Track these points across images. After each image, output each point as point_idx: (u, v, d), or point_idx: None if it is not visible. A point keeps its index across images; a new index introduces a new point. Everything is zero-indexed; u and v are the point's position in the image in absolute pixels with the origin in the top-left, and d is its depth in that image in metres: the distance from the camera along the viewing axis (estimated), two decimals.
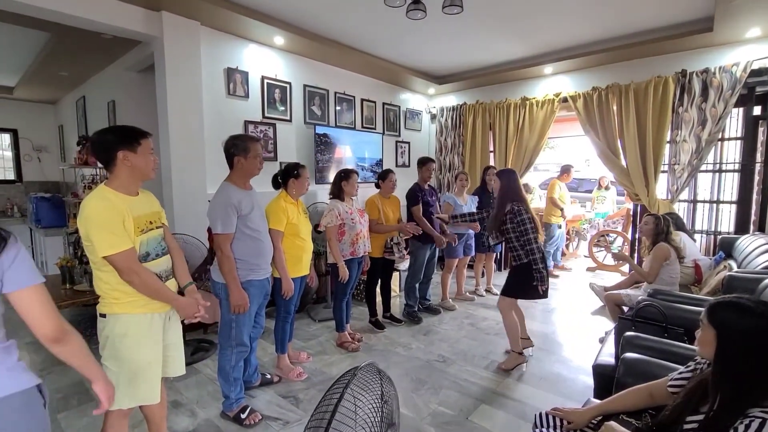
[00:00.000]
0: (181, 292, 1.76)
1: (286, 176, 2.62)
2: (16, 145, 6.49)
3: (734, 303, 1.13)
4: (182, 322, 1.77)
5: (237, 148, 2.16)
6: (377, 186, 3.62)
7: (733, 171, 4.26)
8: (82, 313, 3.84)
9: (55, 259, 3.82)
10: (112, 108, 4.57)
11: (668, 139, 4.27)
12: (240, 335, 2.24)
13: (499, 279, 5.19)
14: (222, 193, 2.15)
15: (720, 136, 4.12)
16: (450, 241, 3.84)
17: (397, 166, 5.90)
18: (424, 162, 3.83)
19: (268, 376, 2.67)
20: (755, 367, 1.06)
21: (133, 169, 1.57)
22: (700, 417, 1.13)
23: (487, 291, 4.75)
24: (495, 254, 4.92)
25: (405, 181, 4.73)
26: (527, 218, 2.70)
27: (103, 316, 1.55)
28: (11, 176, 6.53)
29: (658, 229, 3.12)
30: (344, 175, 3.13)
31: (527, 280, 2.72)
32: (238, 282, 2.14)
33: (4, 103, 6.25)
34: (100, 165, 3.92)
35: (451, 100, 6.20)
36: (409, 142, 6.16)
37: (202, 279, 3.18)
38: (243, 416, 2.22)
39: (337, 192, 3.15)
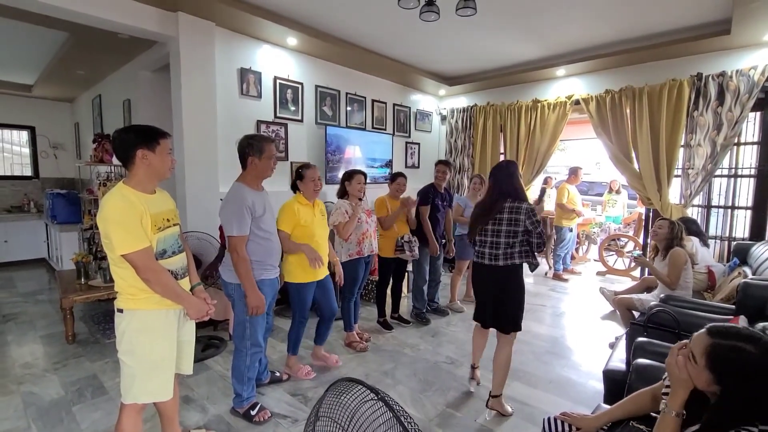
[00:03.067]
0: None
1: (297, 180, 2.64)
2: (33, 142, 6.62)
3: (735, 347, 1.05)
4: None
5: (252, 148, 2.14)
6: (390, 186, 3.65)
7: (749, 176, 4.19)
8: (96, 308, 3.92)
9: (70, 254, 3.91)
10: (128, 107, 4.64)
11: (682, 142, 4.22)
12: (255, 335, 2.25)
13: None
14: (236, 195, 2.13)
15: (736, 141, 4.06)
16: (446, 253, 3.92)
17: (406, 167, 5.90)
18: (435, 164, 3.92)
19: (277, 374, 2.70)
20: (755, 400, 1.03)
21: (151, 168, 1.60)
22: (695, 428, 1.12)
23: None
24: None
25: (414, 182, 4.73)
26: None
27: (120, 311, 1.59)
28: (28, 172, 6.66)
29: (672, 233, 3.08)
30: (347, 177, 3.17)
31: None
32: (254, 284, 2.13)
33: (23, 100, 6.39)
34: (115, 162, 3.99)
35: (462, 101, 6.19)
36: (419, 143, 6.16)
37: (214, 276, 3.22)
38: (253, 413, 2.24)
39: (342, 193, 3.21)
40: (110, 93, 5.21)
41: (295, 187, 2.66)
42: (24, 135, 6.63)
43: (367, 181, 3.25)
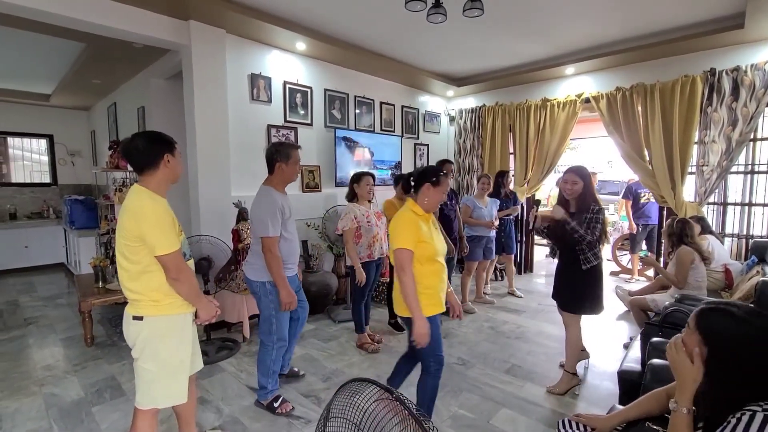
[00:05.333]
0: None
1: (422, 180, 1.96)
2: (51, 150, 6.81)
3: (722, 309, 1.11)
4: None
5: (280, 155, 2.27)
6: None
7: (767, 172, 4.10)
8: (114, 310, 4.00)
9: (88, 258, 4.01)
10: (142, 114, 4.75)
11: (696, 139, 4.14)
12: (281, 330, 2.36)
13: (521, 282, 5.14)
14: (267, 198, 2.24)
15: (752, 136, 3.98)
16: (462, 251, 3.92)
17: (415, 168, 5.91)
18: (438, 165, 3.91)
19: (296, 369, 2.79)
20: (743, 374, 1.04)
21: (171, 172, 1.65)
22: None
23: (510, 293, 4.72)
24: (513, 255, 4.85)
25: None
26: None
27: (140, 318, 1.58)
28: (47, 179, 6.85)
29: (669, 230, 3.08)
30: (356, 179, 3.18)
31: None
32: (287, 281, 2.25)
33: (42, 109, 6.58)
34: (130, 168, 4.08)
35: (470, 102, 6.18)
36: (427, 145, 6.16)
37: (226, 279, 3.27)
38: (276, 405, 2.32)
39: (352, 196, 3.22)
40: (125, 101, 5.33)
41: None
42: (43, 143, 6.82)
43: (376, 182, 3.26)
